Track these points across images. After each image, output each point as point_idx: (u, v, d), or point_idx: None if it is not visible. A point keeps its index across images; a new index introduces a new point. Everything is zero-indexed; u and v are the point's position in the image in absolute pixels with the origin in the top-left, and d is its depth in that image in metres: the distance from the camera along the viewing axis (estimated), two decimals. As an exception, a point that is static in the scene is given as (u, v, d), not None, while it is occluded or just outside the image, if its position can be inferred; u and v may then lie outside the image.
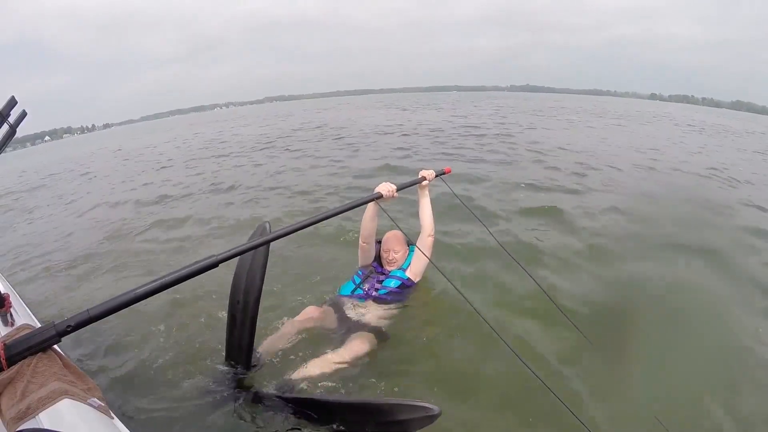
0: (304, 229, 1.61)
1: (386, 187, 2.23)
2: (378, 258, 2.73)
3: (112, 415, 1.01)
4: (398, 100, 40.27)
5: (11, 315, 1.27)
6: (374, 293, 2.51)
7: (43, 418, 0.87)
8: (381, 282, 2.56)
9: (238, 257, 1.66)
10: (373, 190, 2.22)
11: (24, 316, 1.31)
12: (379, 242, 2.73)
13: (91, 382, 1.04)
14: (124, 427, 0.99)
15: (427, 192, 2.59)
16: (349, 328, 2.31)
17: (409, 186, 2.43)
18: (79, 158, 16.99)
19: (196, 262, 1.29)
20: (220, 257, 1.32)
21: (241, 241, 1.64)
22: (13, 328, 1.22)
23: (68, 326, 1.04)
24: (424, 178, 2.52)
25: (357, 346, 2.13)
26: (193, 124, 34.35)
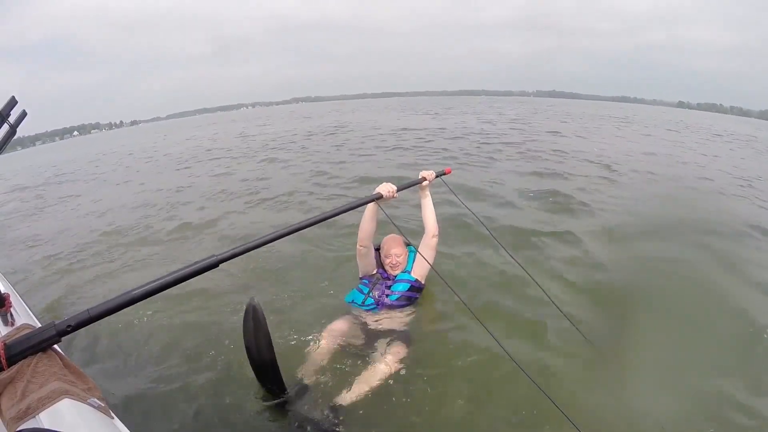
0: (306, 234, 1.57)
1: (386, 188, 2.21)
2: (380, 265, 2.68)
3: (112, 415, 1.00)
4: (428, 104, 39.61)
5: (11, 315, 1.28)
6: (386, 300, 2.47)
7: (43, 418, 0.86)
8: (390, 288, 2.52)
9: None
10: (373, 190, 2.20)
11: (24, 316, 1.32)
12: (376, 250, 2.67)
13: (91, 382, 1.04)
14: (125, 427, 0.99)
15: (428, 192, 2.55)
16: (371, 341, 2.29)
17: (409, 186, 2.41)
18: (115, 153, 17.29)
19: (197, 262, 1.28)
20: (220, 257, 1.31)
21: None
22: (13, 327, 1.22)
23: (68, 326, 1.04)
24: (424, 179, 2.48)
25: (386, 359, 2.12)
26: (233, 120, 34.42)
